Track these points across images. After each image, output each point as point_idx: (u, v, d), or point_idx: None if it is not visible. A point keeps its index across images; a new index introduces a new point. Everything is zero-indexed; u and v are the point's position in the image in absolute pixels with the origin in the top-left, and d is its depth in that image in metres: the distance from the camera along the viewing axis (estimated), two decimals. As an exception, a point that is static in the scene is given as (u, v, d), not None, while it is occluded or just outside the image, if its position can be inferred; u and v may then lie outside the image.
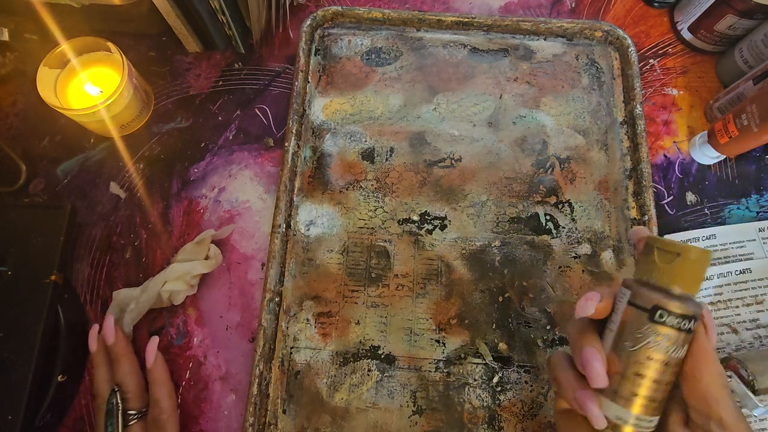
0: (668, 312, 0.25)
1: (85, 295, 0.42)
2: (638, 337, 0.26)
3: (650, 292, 0.26)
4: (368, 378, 0.38)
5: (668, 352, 0.25)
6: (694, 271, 0.26)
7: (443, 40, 0.48)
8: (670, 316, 0.25)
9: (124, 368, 0.37)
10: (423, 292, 0.40)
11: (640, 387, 0.26)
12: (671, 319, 0.25)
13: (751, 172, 0.44)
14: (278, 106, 0.47)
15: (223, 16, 0.44)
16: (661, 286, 0.26)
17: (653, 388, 0.25)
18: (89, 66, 0.44)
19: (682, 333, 0.25)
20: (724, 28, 0.44)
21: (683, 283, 0.25)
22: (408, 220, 0.42)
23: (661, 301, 0.25)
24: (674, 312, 0.25)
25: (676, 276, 0.26)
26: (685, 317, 0.25)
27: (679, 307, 0.25)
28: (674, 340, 0.25)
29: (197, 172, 0.45)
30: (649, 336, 0.25)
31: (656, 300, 0.25)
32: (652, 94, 0.47)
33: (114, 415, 0.35)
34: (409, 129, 0.45)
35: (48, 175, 0.45)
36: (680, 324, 0.25)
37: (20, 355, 0.37)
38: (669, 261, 0.26)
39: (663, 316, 0.25)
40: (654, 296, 0.25)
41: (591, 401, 0.26)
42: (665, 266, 0.26)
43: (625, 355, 0.26)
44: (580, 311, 0.27)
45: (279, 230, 0.41)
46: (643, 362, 0.25)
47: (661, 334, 0.25)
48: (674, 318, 0.25)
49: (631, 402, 0.26)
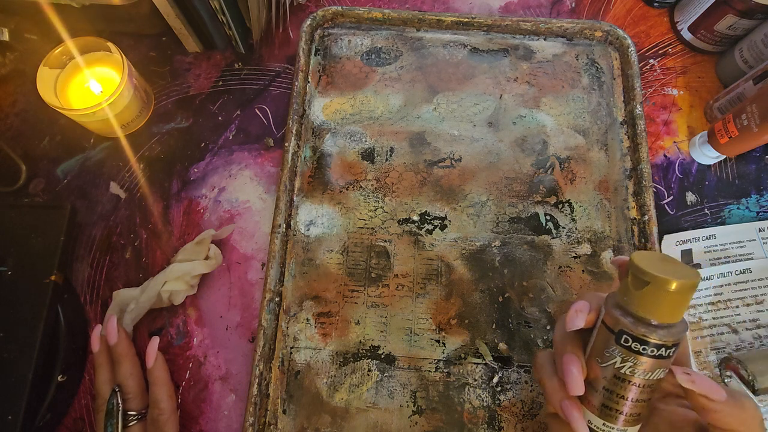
0: (634, 338, 0.24)
1: (85, 295, 0.42)
2: (606, 356, 0.26)
3: (619, 316, 0.25)
4: (368, 378, 0.38)
5: (640, 376, 0.25)
6: (668, 301, 0.24)
7: (443, 40, 0.48)
8: (635, 342, 0.24)
9: (125, 369, 0.37)
10: (423, 292, 0.40)
11: (613, 402, 0.26)
12: (637, 345, 0.24)
13: (751, 172, 0.44)
14: (278, 106, 0.47)
15: (223, 16, 0.44)
16: (631, 312, 0.25)
17: (627, 405, 0.25)
18: (89, 66, 0.44)
19: (652, 359, 0.24)
20: (724, 28, 0.44)
21: (655, 313, 0.24)
22: (408, 220, 0.42)
23: (629, 327, 0.25)
24: (640, 338, 0.24)
25: (647, 303, 0.24)
26: (653, 344, 0.24)
27: (647, 335, 0.24)
28: (642, 364, 0.25)
29: (197, 172, 0.45)
30: (615, 357, 0.25)
31: (622, 324, 0.25)
32: (652, 94, 0.47)
33: (114, 416, 0.35)
34: (409, 129, 0.45)
35: (48, 175, 0.45)
36: (647, 350, 0.24)
37: (20, 354, 0.37)
38: (640, 287, 0.24)
39: (628, 341, 0.25)
40: (622, 320, 0.25)
41: (574, 412, 0.26)
42: (636, 292, 0.25)
43: (599, 370, 0.26)
44: (570, 324, 0.27)
45: (279, 230, 0.41)
46: (613, 381, 0.25)
47: (627, 357, 0.25)
48: (639, 344, 0.24)
49: (606, 415, 0.26)
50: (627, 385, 0.25)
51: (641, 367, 0.25)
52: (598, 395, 0.26)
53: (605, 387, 0.26)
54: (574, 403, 0.27)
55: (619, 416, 0.26)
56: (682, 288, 0.23)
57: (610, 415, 0.26)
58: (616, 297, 0.26)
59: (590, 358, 0.27)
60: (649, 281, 0.24)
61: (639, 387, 0.25)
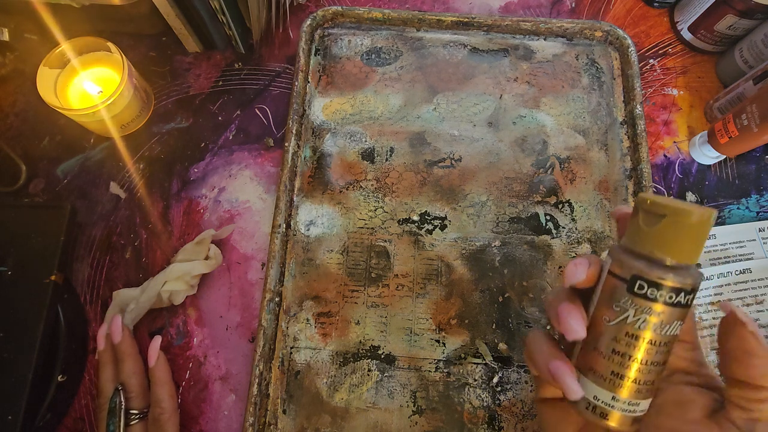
0: (650, 283, 0.21)
1: (85, 295, 0.42)
2: (616, 311, 0.22)
3: (631, 260, 0.22)
4: (368, 378, 0.38)
5: (655, 330, 0.22)
6: (686, 235, 0.21)
7: (443, 40, 0.48)
8: (651, 288, 0.21)
9: (128, 367, 0.37)
10: (423, 292, 0.40)
11: (623, 368, 0.22)
12: (653, 291, 0.21)
13: (751, 172, 0.44)
14: (278, 106, 0.47)
15: (223, 16, 0.44)
16: (644, 254, 0.22)
17: (640, 369, 0.22)
18: (89, 66, 0.44)
19: (669, 307, 0.21)
20: (724, 28, 0.44)
21: (672, 250, 0.21)
22: (408, 220, 0.42)
23: (642, 270, 0.21)
24: (656, 282, 0.21)
25: (663, 242, 0.21)
26: (671, 289, 0.21)
27: (663, 277, 0.21)
28: (659, 315, 0.21)
29: (197, 172, 0.45)
30: (628, 310, 0.22)
31: (636, 269, 0.22)
32: (652, 94, 0.47)
33: (116, 414, 0.35)
34: (409, 129, 0.45)
35: (48, 175, 0.45)
36: (665, 296, 0.21)
37: (20, 354, 0.37)
38: (654, 224, 0.21)
39: (643, 287, 0.21)
40: (634, 265, 0.22)
41: (565, 369, 0.23)
42: (650, 230, 0.22)
43: (606, 331, 0.23)
44: (570, 277, 0.24)
45: (279, 230, 0.41)
46: (625, 340, 0.22)
47: (642, 308, 0.21)
48: (656, 289, 0.21)
49: (615, 384, 0.22)
50: (641, 344, 0.22)
51: (658, 318, 0.21)
52: (605, 362, 0.23)
53: (615, 350, 0.22)
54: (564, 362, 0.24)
55: (631, 385, 0.22)
56: (701, 219, 0.21)
57: (620, 385, 0.22)
58: (624, 243, 0.23)
59: (595, 319, 0.23)
60: (666, 213, 0.21)
61: (654, 345, 0.22)
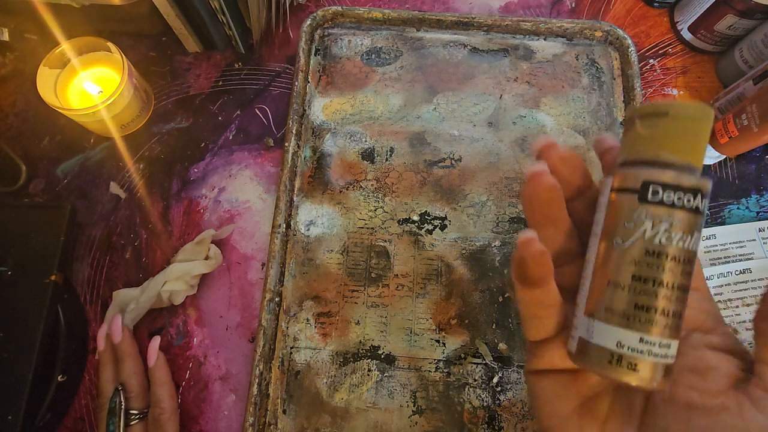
0: (664, 186, 0.19)
1: (85, 295, 0.42)
2: (630, 229, 0.20)
3: (637, 169, 0.20)
4: (368, 378, 0.38)
5: (678, 242, 0.19)
6: (690, 132, 0.20)
7: (443, 40, 0.48)
8: (667, 190, 0.19)
9: (128, 367, 0.37)
10: (423, 292, 0.40)
11: (649, 297, 0.19)
12: (669, 195, 0.19)
13: (751, 172, 0.44)
14: (278, 106, 0.47)
15: (223, 16, 0.44)
16: (651, 159, 0.20)
17: (667, 296, 0.19)
18: (89, 66, 0.44)
19: (688, 213, 0.19)
20: (724, 28, 0.44)
21: (679, 150, 0.20)
22: (408, 220, 0.42)
23: (652, 174, 0.19)
24: (671, 184, 0.19)
25: (668, 141, 0.20)
26: (688, 190, 0.19)
27: (676, 177, 0.19)
28: (679, 223, 0.19)
29: (197, 172, 0.45)
30: (644, 222, 0.19)
31: (645, 175, 0.20)
32: (652, 94, 0.47)
33: (116, 414, 0.35)
34: (409, 129, 0.45)
35: (48, 175, 0.45)
36: (683, 199, 0.19)
37: (20, 354, 0.37)
38: (655, 125, 0.20)
39: (658, 192, 0.19)
40: (642, 172, 0.20)
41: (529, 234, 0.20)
42: (652, 133, 0.20)
43: (622, 256, 0.20)
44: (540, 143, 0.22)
45: (279, 230, 0.41)
46: (646, 260, 0.19)
47: (660, 216, 0.19)
48: (673, 192, 0.19)
49: (641, 321, 0.19)
50: (665, 262, 0.19)
51: (679, 227, 0.19)
52: (626, 294, 0.19)
53: (635, 275, 0.19)
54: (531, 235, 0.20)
55: (660, 318, 0.19)
56: (704, 113, 0.19)
57: (649, 320, 0.19)
58: (623, 158, 0.21)
59: (603, 251, 0.20)
60: (669, 111, 0.20)
61: (679, 262, 0.19)
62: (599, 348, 0.20)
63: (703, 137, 0.20)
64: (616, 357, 0.19)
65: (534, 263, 0.20)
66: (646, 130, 0.20)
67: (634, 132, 0.21)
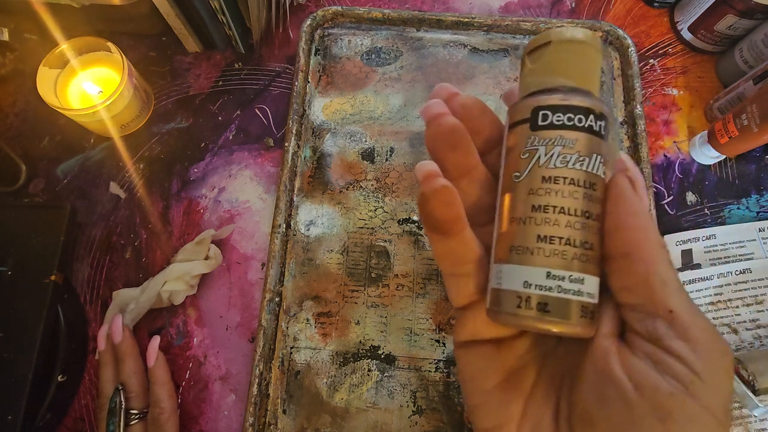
0: (552, 108, 0.18)
1: (85, 295, 0.42)
2: (525, 158, 0.19)
3: (527, 101, 0.19)
4: (368, 378, 0.38)
5: (571, 162, 0.18)
6: (574, 55, 0.19)
7: (443, 40, 0.48)
8: (557, 113, 0.18)
9: (128, 367, 0.37)
10: (423, 292, 0.40)
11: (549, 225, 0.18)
12: (559, 116, 0.18)
13: (751, 172, 0.44)
14: (278, 106, 0.47)
15: (223, 16, 0.44)
16: (540, 88, 0.19)
17: (569, 222, 0.17)
18: (89, 66, 0.44)
19: (582, 133, 0.18)
20: (724, 28, 0.44)
21: (565, 73, 0.19)
22: (408, 220, 0.42)
23: (541, 100, 0.19)
24: (560, 105, 0.18)
25: (554, 67, 0.19)
26: (578, 110, 0.18)
27: (564, 98, 0.18)
28: (573, 144, 0.18)
29: (197, 172, 0.45)
30: (537, 149, 0.18)
31: (535, 102, 0.19)
32: (652, 94, 0.47)
33: (116, 414, 0.35)
34: (410, 129, 0.45)
35: (48, 175, 0.45)
36: (574, 119, 0.18)
37: (20, 354, 0.37)
38: (541, 56, 0.20)
39: (548, 116, 0.18)
40: (532, 100, 0.19)
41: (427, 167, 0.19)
42: (539, 64, 0.20)
43: (519, 187, 0.19)
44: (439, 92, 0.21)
45: (279, 230, 0.41)
46: (543, 187, 0.18)
47: (552, 139, 0.18)
48: (563, 113, 0.18)
49: (545, 253, 0.17)
50: (562, 186, 0.18)
51: (573, 147, 0.18)
52: (527, 228, 0.18)
53: (534, 205, 0.18)
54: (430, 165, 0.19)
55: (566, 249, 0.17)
56: (585, 36, 0.19)
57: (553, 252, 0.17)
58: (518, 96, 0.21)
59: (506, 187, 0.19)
60: (551, 39, 0.19)
61: (579, 185, 0.18)
62: (508, 293, 0.18)
63: (590, 59, 0.19)
64: (524, 299, 0.17)
65: (440, 202, 0.18)
66: (534, 63, 0.20)
67: (524, 69, 0.20)
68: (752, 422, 0.37)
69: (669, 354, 0.16)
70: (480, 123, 0.21)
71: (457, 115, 0.20)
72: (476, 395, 0.21)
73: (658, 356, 0.16)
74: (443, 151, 0.20)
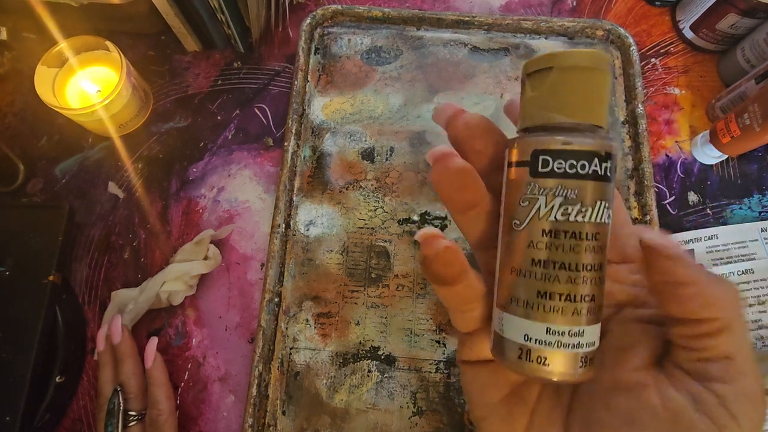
0: (554, 154, 0.17)
1: (83, 295, 0.42)
2: (525, 207, 0.17)
3: (528, 138, 0.17)
4: (368, 379, 0.38)
5: (573, 215, 0.17)
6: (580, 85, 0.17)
7: (444, 39, 0.48)
8: (557, 159, 0.17)
9: (128, 368, 0.37)
10: (423, 293, 0.40)
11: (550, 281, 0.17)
12: (561, 164, 0.17)
13: (753, 171, 0.44)
14: (278, 105, 0.47)
15: (222, 15, 0.43)
16: (541, 123, 0.17)
17: (568, 277, 0.17)
18: (87, 65, 0.44)
19: (586, 181, 0.17)
20: (726, 27, 0.43)
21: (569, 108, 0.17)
22: (408, 220, 0.42)
23: (541, 142, 0.17)
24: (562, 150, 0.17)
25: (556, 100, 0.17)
26: (582, 155, 0.16)
27: (569, 141, 0.17)
28: (576, 194, 0.17)
29: (196, 171, 0.45)
30: (537, 198, 0.17)
31: (535, 144, 0.17)
32: (653, 94, 0.46)
33: (115, 415, 0.35)
34: (410, 128, 0.45)
35: (46, 174, 0.45)
36: (576, 167, 0.16)
37: (19, 355, 0.37)
38: (542, 83, 0.17)
39: (548, 163, 0.17)
40: (533, 140, 0.17)
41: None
42: (540, 93, 0.17)
43: (519, 238, 0.18)
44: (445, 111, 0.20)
45: (278, 230, 0.41)
46: (543, 240, 0.17)
47: (555, 189, 0.17)
48: (564, 160, 0.17)
49: (545, 309, 0.17)
50: (564, 241, 0.17)
51: (577, 199, 0.17)
52: (527, 281, 0.17)
53: (534, 260, 0.17)
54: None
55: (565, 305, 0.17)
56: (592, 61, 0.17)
57: (553, 308, 0.17)
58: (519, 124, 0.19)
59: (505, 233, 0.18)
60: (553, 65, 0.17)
61: (582, 239, 0.17)
62: (510, 342, 0.18)
63: (597, 87, 0.17)
64: (525, 351, 0.17)
65: (442, 263, 0.18)
66: (535, 91, 0.18)
67: (525, 94, 0.18)
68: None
69: (713, 395, 0.16)
70: (485, 142, 0.20)
71: (461, 134, 0.20)
72: (481, 408, 0.21)
73: (701, 396, 0.16)
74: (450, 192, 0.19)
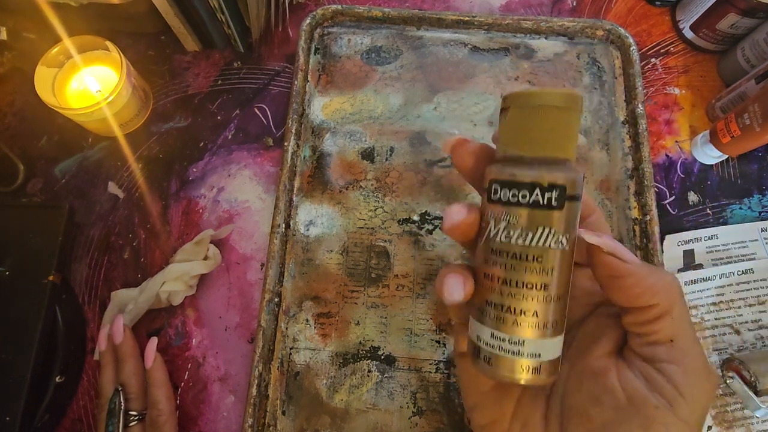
0: (502, 183, 0.19)
1: (83, 295, 0.42)
2: (483, 227, 0.20)
3: (492, 166, 0.20)
4: (368, 379, 0.38)
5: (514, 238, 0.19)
6: (537, 120, 0.18)
7: (444, 39, 0.48)
8: (504, 188, 0.19)
9: (129, 368, 0.37)
10: (423, 293, 0.40)
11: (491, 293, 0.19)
12: (506, 192, 0.19)
13: (754, 171, 0.44)
14: (277, 105, 0.47)
15: (222, 15, 0.43)
16: (502, 156, 0.20)
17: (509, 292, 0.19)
18: (87, 65, 0.44)
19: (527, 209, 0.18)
20: (726, 26, 0.43)
21: (521, 140, 0.19)
22: (408, 220, 0.42)
23: (494, 172, 0.19)
24: (507, 181, 0.18)
25: (513, 133, 0.19)
26: (523, 186, 0.18)
27: (515, 173, 0.18)
28: (516, 220, 0.19)
29: (196, 171, 0.45)
30: (490, 222, 0.19)
31: (493, 174, 0.19)
32: (653, 94, 0.46)
33: (116, 415, 0.35)
34: (410, 128, 0.45)
35: (46, 174, 0.45)
36: (517, 196, 0.18)
37: (18, 355, 0.37)
38: (504, 118, 0.20)
39: (497, 192, 0.19)
40: (492, 169, 0.19)
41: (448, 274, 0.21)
42: (503, 128, 0.20)
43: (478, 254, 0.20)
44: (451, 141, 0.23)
45: (278, 230, 0.41)
46: (492, 259, 0.19)
47: (498, 215, 0.19)
48: (508, 189, 0.19)
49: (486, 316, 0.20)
50: (506, 260, 0.19)
51: (517, 224, 0.19)
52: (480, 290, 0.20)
53: (485, 273, 0.20)
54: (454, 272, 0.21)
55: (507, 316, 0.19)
56: (550, 99, 0.18)
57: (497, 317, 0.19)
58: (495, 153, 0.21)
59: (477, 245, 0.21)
60: (509, 104, 0.19)
61: (521, 260, 0.19)
62: (470, 342, 0.21)
63: (555, 124, 0.18)
64: (476, 350, 0.20)
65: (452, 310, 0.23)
66: (500, 125, 0.20)
67: (499, 126, 0.21)
68: (754, 423, 0.36)
69: (661, 374, 0.19)
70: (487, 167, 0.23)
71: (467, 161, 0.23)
72: (474, 396, 0.25)
73: (652, 376, 0.20)
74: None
